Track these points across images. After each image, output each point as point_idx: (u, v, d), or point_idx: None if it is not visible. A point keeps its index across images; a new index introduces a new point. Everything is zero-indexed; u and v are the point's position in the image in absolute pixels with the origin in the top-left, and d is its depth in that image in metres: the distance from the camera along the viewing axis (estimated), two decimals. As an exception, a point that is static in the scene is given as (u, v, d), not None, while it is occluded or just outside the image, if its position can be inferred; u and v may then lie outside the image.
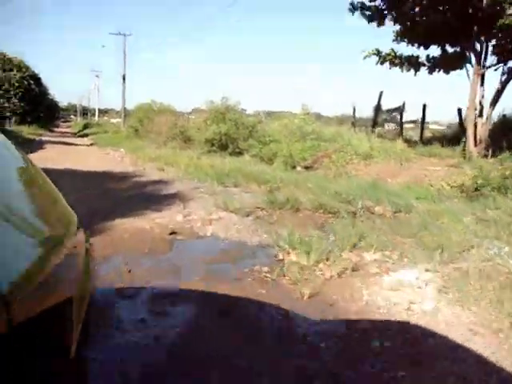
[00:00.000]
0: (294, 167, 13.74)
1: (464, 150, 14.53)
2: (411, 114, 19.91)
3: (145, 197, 8.60)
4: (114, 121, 49.36)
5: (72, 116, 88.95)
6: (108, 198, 7.87)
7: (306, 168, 13.81)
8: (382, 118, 19.62)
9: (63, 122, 79.57)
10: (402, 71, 15.62)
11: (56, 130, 51.84)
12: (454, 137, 17.87)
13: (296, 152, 14.58)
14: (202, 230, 6.30)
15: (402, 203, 8.38)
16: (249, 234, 6.18)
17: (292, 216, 7.50)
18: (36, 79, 34.71)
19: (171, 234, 5.97)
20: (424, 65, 15.34)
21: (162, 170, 13.05)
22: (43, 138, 30.42)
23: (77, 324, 1.21)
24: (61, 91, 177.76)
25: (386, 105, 19.88)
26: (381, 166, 13.36)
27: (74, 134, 42.90)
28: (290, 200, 8.01)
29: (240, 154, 16.42)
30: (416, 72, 15.37)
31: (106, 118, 62.43)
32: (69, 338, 1.15)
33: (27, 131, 34.50)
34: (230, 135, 16.36)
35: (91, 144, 26.95)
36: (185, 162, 14.63)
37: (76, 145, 26.36)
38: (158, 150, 18.84)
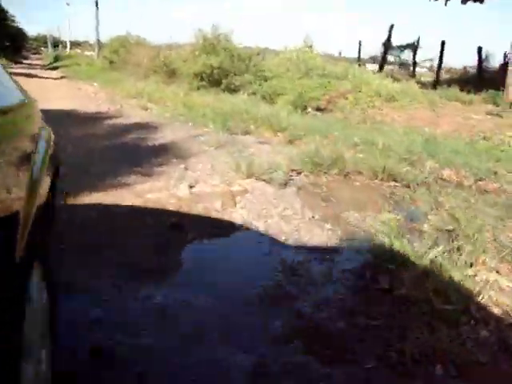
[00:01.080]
0: (304, 108, 11.01)
1: (497, 96, 12.04)
2: (424, 53, 17.12)
3: (126, 151, 5.87)
4: (87, 53, 44.52)
5: (43, 48, 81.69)
6: (72, 152, 5.08)
7: (319, 110, 11.11)
8: (394, 56, 16.76)
9: (33, 53, 72.91)
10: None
11: (24, 61, 46.56)
12: (472, 80, 15.34)
13: (304, 91, 11.79)
14: (225, 215, 3.70)
15: (481, 167, 5.92)
16: (303, 224, 3.61)
17: (345, 185, 4.94)
18: None
19: (173, 226, 3.36)
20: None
21: (145, 110, 10.14)
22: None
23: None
24: (30, 21, 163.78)
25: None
26: (410, 111, 10.75)
27: (44, 67, 38.29)
28: (332, 159, 5.40)
29: (234, 91, 13.49)
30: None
31: (78, 50, 56.94)
32: None
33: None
34: (223, 68, 13.34)
35: (61, 77, 23.20)
36: (172, 99, 11.72)
37: (44, 78, 22.59)
38: (137, 84, 15.67)
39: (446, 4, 12.52)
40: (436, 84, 14.85)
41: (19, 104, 1.55)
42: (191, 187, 4.24)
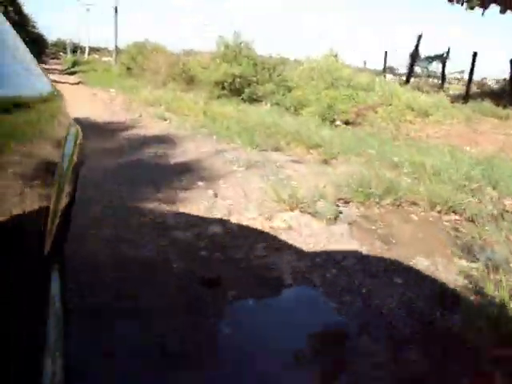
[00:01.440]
0: (332, 121, 10.24)
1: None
2: (453, 65, 16.24)
3: (144, 170, 5.13)
4: (105, 59, 44.29)
5: (62, 53, 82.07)
6: (83, 173, 4.39)
7: (347, 123, 10.33)
8: (422, 67, 15.93)
9: (52, 58, 73.13)
10: (465, 7, 11.89)
11: (43, 66, 46.59)
12: (504, 93, 14.45)
13: (332, 102, 11.02)
14: (271, 262, 2.93)
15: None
16: (369, 279, 2.83)
17: (401, 219, 4.15)
18: (14, 3, 29.56)
19: (207, 283, 2.59)
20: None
21: (163, 120, 9.41)
22: None
23: None
24: (51, 27, 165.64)
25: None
26: (445, 126, 9.92)
27: (62, 72, 38.07)
28: (383, 186, 4.61)
29: (256, 100, 12.79)
30: (485, 9, 11.65)
31: (97, 56, 56.91)
32: None
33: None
34: (245, 77, 12.62)
35: (78, 82, 22.74)
36: (192, 108, 11.03)
37: (60, 82, 22.17)
38: (155, 91, 15.04)
39: (483, 14, 11.67)
40: (466, 97, 13.99)
41: (50, 95, 1.45)
42: (224, 222, 3.48)
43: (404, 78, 16.23)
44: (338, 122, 10.17)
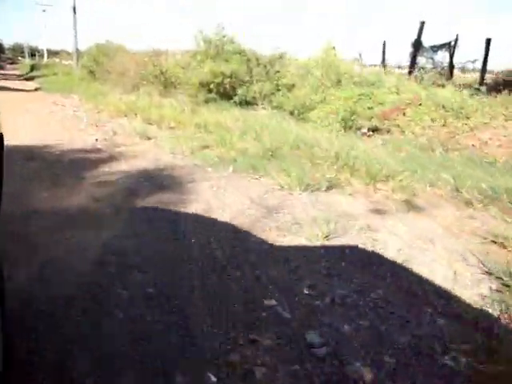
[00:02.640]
0: (356, 128, 7.95)
1: None
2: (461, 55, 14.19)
3: (152, 271, 2.63)
4: (65, 62, 40.62)
5: (20, 58, 76.65)
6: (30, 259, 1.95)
7: (374, 131, 8.06)
8: (426, 57, 13.82)
9: (10, 63, 68.00)
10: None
11: (-1, 71, 42.42)
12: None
13: (347, 105, 8.73)
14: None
15: None
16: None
17: None
18: None
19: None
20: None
21: (146, 138, 6.85)
22: None
23: None
24: (6, 31, 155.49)
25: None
26: (499, 130, 7.79)
27: (19, 77, 34.30)
28: None
29: (251, 104, 10.37)
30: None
31: (57, 59, 52.75)
32: None
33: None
34: (237, 76, 10.16)
35: (36, 89, 19.57)
36: (177, 118, 8.51)
37: (16, 90, 18.98)
38: (125, 96, 12.39)
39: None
40: (480, 89, 11.93)
41: None
42: None
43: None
44: (363, 130, 7.88)
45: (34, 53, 64.20)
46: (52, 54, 60.16)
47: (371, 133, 7.88)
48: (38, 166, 4.68)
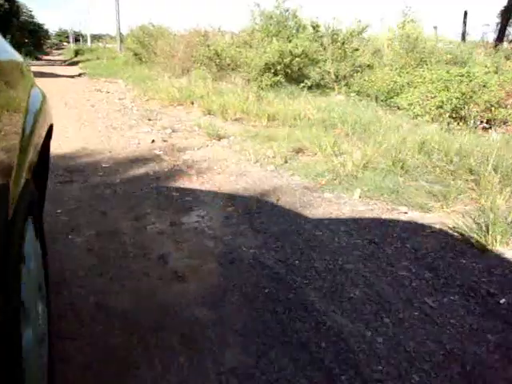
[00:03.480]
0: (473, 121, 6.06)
1: None
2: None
3: None
4: (109, 46, 39.58)
5: (65, 43, 76.81)
6: None
7: (487, 123, 6.14)
8: None
9: (56, 49, 68.14)
10: None
11: (45, 57, 41.81)
12: None
13: (442, 87, 6.82)
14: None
15: None
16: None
17: None
18: None
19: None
20: None
21: (216, 137, 5.17)
22: None
23: None
24: (52, 17, 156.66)
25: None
26: None
27: (64, 62, 33.52)
28: None
29: (321, 87, 8.58)
30: None
31: (100, 44, 52.06)
32: None
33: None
34: (309, 56, 8.38)
35: (79, 74, 18.36)
36: (242, 107, 6.87)
37: (59, 76, 17.87)
38: (176, 80, 10.84)
39: None
40: None
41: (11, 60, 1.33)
42: None
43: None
44: (485, 125, 5.99)
45: (78, 38, 63.84)
46: (96, 38, 59.61)
47: (486, 125, 5.98)
48: (77, 194, 3.16)
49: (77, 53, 39.21)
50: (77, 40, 63.24)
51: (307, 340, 1.65)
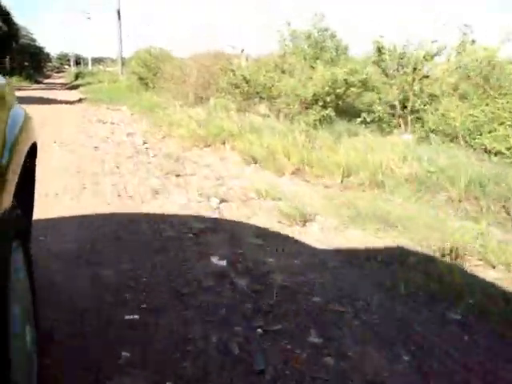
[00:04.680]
0: None
1: None
2: None
3: None
4: (109, 69, 37.87)
5: (66, 66, 75.21)
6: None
7: None
8: None
9: (57, 72, 66.50)
10: None
11: (45, 81, 39.96)
12: None
13: None
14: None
15: None
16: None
17: None
18: (2, 13, 22.92)
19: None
20: None
21: (302, 223, 3.11)
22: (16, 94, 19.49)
23: None
24: (53, 41, 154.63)
25: None
26: None
27: (64, 86, 31.63)
28: None
29: (374, 121, 6.70)
30: None
31: (101, 67, 50.40)
32: None
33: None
34: (368, 85, 6.53)
35: (79, 100, 16.40)
36: (297, 152, 4.95)
37: (58, 102, 15.92)
38: (192, 110, 8.97)
39: None
40: None
41: None
42: None
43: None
44: None
45: (78, 61, 62.29)
46: (96, 61, 58.07)
47: None
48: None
49: (77, 76, 37.41)
50: (77, 63, 61.64)
51: None
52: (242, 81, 7.64)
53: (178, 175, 4.22)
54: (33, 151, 1.54)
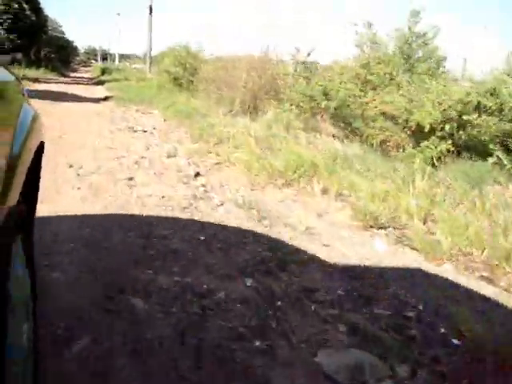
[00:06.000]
0: None
1: None
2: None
3: None
4: (137, 66, 36.18)
5: (93, 61, 74.15)
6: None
7: None
8: None
9: (84, 66, 65.40)
10: None
11: (71, 74, 38.39)
12: None
13: None
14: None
15: None
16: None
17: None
18: (31, 2, 21.20)
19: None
20: None
21: None
22: (40, 87, 17.80)
23: None
24: (82, 34, 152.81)
25: None
26: None
27: (90, 80, 29.99)
28: None
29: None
30: None
31: (127, 63, 48.95)
32: None
33: (32, 74, 22.19)
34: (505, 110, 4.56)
35: (105, 98, 14.58)
36: (437, 212, 3.01)
37: (82, 100, 14.14)
38: (238, 121, 7.13)
39: None
40: None
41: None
42: None
43: None
44: None
45: (105, 56, 61.08)
46: (123, 57, 56.76)
47: None
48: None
49: (104, 71, 35.74)
50: (104, 58, 60.46)
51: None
52: (319, 92, 5.68)
53: (282, 268, 2.27)
54: (40, 150, 1.49)
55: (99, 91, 17.81)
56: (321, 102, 5.81)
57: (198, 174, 4.20)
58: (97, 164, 4.31)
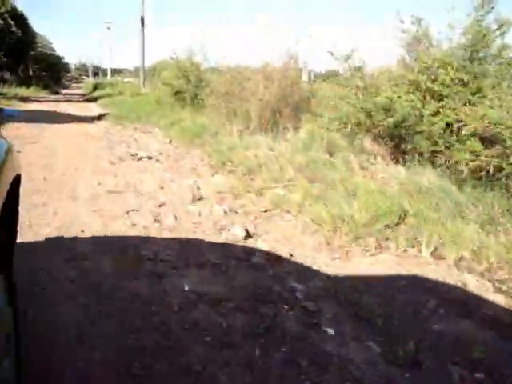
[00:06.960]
0: None
1: None
2: None
3: None
4: (129, 80, 34.71)
5: (84, 77, 72.47)
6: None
7: None
8: None
9: (75, 82, 63.72)
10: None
11: (63, 91, 36.77)
12: None
13: None
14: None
15: None
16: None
17: None
18: (18, 18, 19.51)
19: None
20: None
21: None
22: (30, 106, 16.25)
23: None
24: (72, 51, 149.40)
25: None
26: None
27: (82, 97, 28.45)
28: None
29: None
30: None
31: (119, 77, 47.45)
32: None
33: (22, 93, 20.90)
34: None
35: (100, 116, 13.12)
36: None
37: (73, 120, 12.64)
38: (259, 140, 5.79)
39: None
40: None
41: None
42: None
43: None
44: None
45: (97, 72, 59.58)
46: (115, 72, 55.26)
47: None
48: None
49: (95, 87, 34.20)
50: (96, 74, 58.96)
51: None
52: (379, 106, 4.30)
53: None
54: (16, 183, 1.46)
55: (93, 109, 16.35)
56: (379, 117, 4.45)
57: (248, 236, 2.80)
58: (97, 228, 2.89)
